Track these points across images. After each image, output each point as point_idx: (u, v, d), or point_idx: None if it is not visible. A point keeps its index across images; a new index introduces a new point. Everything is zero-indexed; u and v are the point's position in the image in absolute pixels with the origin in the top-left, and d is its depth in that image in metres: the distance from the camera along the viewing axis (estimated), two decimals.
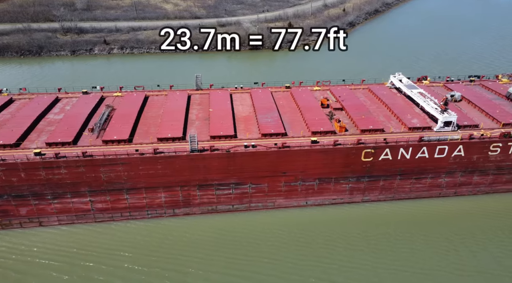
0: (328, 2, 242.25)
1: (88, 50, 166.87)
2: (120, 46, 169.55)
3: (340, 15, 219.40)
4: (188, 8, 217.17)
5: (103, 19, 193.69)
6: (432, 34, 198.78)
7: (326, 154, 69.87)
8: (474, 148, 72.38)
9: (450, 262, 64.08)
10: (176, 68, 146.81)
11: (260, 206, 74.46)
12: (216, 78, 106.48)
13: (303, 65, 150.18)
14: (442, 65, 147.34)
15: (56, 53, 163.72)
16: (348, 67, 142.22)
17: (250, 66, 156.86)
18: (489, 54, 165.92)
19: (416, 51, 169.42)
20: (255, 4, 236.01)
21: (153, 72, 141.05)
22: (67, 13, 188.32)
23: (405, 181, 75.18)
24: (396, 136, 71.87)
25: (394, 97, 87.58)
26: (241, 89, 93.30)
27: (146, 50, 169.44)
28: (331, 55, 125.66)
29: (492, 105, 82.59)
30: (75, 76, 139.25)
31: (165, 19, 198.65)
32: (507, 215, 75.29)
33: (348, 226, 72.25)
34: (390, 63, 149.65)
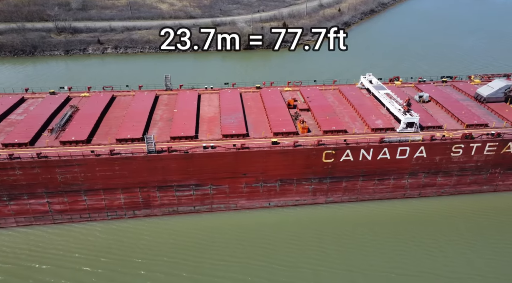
0: (324, 2, 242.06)
1: (82, 50, 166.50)
2: (114, 46, 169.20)
3: (335, 15, 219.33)
4: (184, 8, 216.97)
5: (98, 18, 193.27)
6: (426, 34, 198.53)
7: (286, 155, 69.47)
8: (436, 149, 72.15)
9: (416, 263, 64.00)
10: (167, 68, 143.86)
11: (222, 207, 74.01)
12: (205, 77, 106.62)
13: (297, 65, 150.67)
14: (432, 65, 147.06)
15: (50, 53, 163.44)
16: (340, 67, 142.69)
17: (245, 66, 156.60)
18: (484, 54, 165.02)
19: (408, 50, 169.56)
20: (251, 4, 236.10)
21: (143, 72, 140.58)
22: (62, 13, 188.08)
23: (368, 182, 74.88)
24: (358, 138, 71.59)
25: (362, 98, 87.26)
26: (211, 90, 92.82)
27: (140, 50, 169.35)
28: (327, 55, 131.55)
29: (459, 106, 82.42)
30: (58, 76, 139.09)
31: (160, 19, 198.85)
32: (472, 216, 75.08)
33: (311, 227, 71.90)
34: (382, 63, 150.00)
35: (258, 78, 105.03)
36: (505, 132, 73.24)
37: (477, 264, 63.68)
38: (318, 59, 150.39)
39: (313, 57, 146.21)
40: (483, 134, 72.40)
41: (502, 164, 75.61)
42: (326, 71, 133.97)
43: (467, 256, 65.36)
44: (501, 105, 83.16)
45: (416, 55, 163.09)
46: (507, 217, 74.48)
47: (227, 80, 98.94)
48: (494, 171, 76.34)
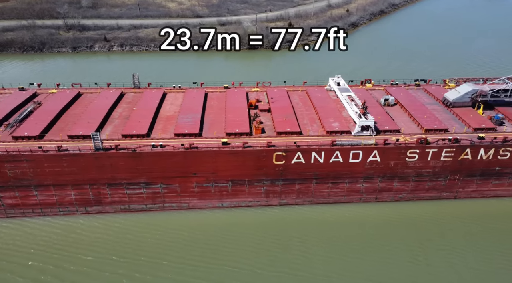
0: (332, 3, 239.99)
1: (89, 47, 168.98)
2: (120, 43, 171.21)
3: (343, 16, 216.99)
4: (191, 7, 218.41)
5: (107, 16, 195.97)
6: (434, 36, 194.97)
7: (236, 156, 69.11)
8: (390, 154, 70.84)
9: (367, 268, 63.27)
10: (167, 67, 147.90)
11: (174, 206, 74.03)
12: (202, 77, 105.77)
13: (293, 65, 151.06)
14: (436, 66, 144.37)
15: (58, 49, 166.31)
16: (337, 67, 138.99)
17: (245, 66, 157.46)
18: (491, 57, 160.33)
19: (413, 52, 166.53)
20: (259, 3, 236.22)
21: (143, 70, 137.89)
22: (72, 11, 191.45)
23: (321, 185, 73.95)
24: (311, 140, 70.83)
25: (327, 100, 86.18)
26: (179, 89, 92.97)
27: (145, 48, 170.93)
28: (327, 55, 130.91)
29: (423, 111, 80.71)
30: (58, 72, 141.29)
31: (167, 18, 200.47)
32: (430, 223, 73.54)
33: (262, 229, 71.48)
34: (383, 64, 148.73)
35: (249, 78, 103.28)
36: (463, 138, 71.51)
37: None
38: (318, 59, 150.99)
39: (313, 57, 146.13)
40: (439, 140, 70.86)
41: (461, 171, 73.81)
42: (322, 71, 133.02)
43: (420, 262, 64.56)
44: (467, 110, 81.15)
45: (421, 57, 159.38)
46: (465, 225, 72.82)
47: (224, 80, 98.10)
48: (453, 177, 74.57)
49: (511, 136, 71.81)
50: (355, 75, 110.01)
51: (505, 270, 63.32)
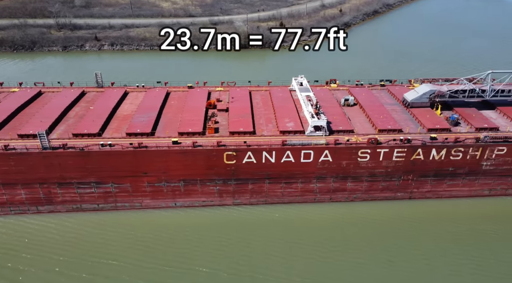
0: (326, 3, 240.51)
1: (79, 46, 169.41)
2: (111, 42, 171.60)
3: (336, 16, 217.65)
4: (185, 7, 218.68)
5: (100, 16, 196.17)
6: (426, 36, 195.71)
7: (186, 155, 68.93)
8: (341, 154, 70.77)
9: (320, 268, 63.21)
10: (154, 66, 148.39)
11: (127, 206, 73.79)
12: (193, 76, 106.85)
13: (281, 65, 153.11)
14: (423, 66, 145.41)
15: (48, 48, 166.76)
16: (327, 67, 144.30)
17: (240, 66, 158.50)
18: (482, 57, 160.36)
19: (402, 51, 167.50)
20: (252, 3, 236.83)
21: (127, 69, 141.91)
22: (65, 10, 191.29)
23: (275, 185, 73.82)
24: (263, 140, 70.73)
25: (287, 100, 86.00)
26: (142, 88, 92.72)
27: (136, 47, 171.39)
28: (321, 56, 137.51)
29: (380, 111, 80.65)
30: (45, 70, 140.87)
31: (159, 17, 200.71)
32: (385, 223, 73.52)
33: (215, 228, 71.26)
34: (369, 63, 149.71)
35: (237, 77, 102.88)
36: (415, 139, 71.51)
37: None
38: (311, 59, 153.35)
39: (308, 57, 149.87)
40: (390, 140, 70.84)
41: (414, 171, 73.75)
42: (311, 71, 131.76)
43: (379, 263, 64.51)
44: (425, 110, 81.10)
45: (412, 57, 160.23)
46: (420, 225, 72.78)
47: (209, 79, 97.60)
48: (406, 177, 74.50)
49: (462, 137, 71.87)
50: (338, 74, 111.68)
51: (460, 271, 63.20)
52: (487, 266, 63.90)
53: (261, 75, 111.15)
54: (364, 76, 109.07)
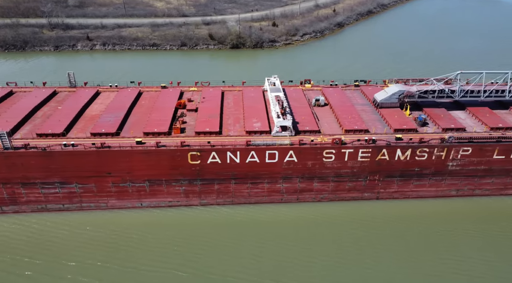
0: (320, 3, 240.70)
1: (71, 46, 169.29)
2: (102, 42, 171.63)
3: (329, 16, 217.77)
4: (179, 7, 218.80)
5: (93, 15, 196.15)
6: (418, 36, 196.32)
7: (150, 155, 68.74)
8: (306, 154, 70.70)
9: (290, 269, 63.24)
10: (145, 66, 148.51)
11: (93, 206, 73.59)
12: (180, 75, 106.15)
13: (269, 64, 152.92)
14: (411, 66, 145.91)
15: (40, 48, 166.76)
16: (314, 66, 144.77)
17: (229, 65, 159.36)
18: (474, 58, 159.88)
19: (392, 51, 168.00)
20: (247, 3, 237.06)
21: (119, 69, 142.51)
22: (58, 10, 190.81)
23: (241, 186, 73.75)
24: (228, 140, 70.61)
25: (258, 100, 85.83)
26: (115, 88, 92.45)
27: (128, 47, 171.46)
28: (305, 54, 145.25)
29: (350, 111, 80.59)
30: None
31: (152, 17, 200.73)
32: (353, 223, 73.47)
33: (180, 229, 71.18)
34: (359, 64, 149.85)
35: (224, 77, 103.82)
36: (381, 139, 71.55)
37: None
38: (301, 59, 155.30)
39: (298, 56, 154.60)
40: (354, 141, 70.84)
41: (380, 171, 73.75)
42: (300, 71, 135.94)
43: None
44: (394, 111, 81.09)
45: (399, 56, 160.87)
46: (386, 225, 72.79)
47: (192, 79, 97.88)
48: (372, 178, 74.52)
49: (427, 137, 71.93)
50: (323, 74, 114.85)
51: (429, 271, 63.33)
52: (456, 265, 64.14)
53: (252, 75, 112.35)
54: (349, 76, 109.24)
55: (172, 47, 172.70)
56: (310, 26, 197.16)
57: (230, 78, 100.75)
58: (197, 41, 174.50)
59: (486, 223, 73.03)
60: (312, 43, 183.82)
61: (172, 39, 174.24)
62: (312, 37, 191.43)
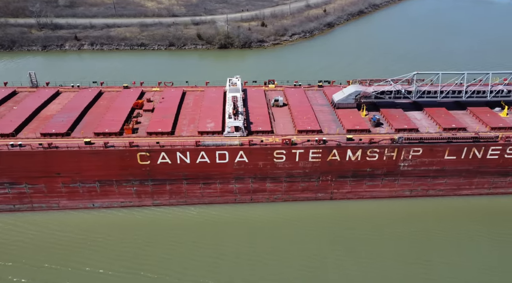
0: (311, 3, 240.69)
1: (59, 45, 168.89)
2: (91, 42, 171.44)
3: (320, 16, 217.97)
4: (169, 6, 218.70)
5: (83, 15, 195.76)
6: (406, 36, 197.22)
7: (99, 156, 68.53)
8: (257, 154, 70.67)
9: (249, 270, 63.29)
10: (130, 66, 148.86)
11: (44, 206, 73.27)
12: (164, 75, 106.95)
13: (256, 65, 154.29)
14: (393, 66, 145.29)
15: (28, 48, 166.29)
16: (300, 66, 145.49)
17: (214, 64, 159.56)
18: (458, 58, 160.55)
19: (378, 51, 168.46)
20: (238, 3, 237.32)
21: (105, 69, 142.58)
22: (48, 9, 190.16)
23: (193, 186, 73.65)
24: (178, 140, 70.47)
25: (217, 101, 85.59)
26: (77, 88, 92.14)
27: (116, 47, 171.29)
28: (291, 54, 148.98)
29: (307, 112, 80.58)
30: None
31: (142, 17, 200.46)
32: (307, 223, 73.51)
33: (134, 229, 70.97)
34: (342, 64, 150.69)
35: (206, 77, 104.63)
36: (332, 140, 71.66)
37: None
38: (283, 58, 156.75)
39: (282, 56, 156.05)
40: (304, 141, 70.91)
41: (332, 172, 73.85)
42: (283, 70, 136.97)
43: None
44: (350, 111, 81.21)
45: (384, 56, 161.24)
46: (337, 226, 72.95)
47: (175, 79, 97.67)
48: (325, 178, 74.59)
49: (378, 138, 72.11)
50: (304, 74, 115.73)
51: (381, 271, 63.66)
52: (409, 265, 64.51)
53: (233, 74, 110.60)
54: (328, 75, 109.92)
55: (160, 47, 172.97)
56: (299, 26, 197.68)
57: (213, 78, 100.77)
58: (185, 41, 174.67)
59: (441, 223, 73.31)
60: (300, 43, 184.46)
61: (160, 39, 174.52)
62: (301, 37, 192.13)
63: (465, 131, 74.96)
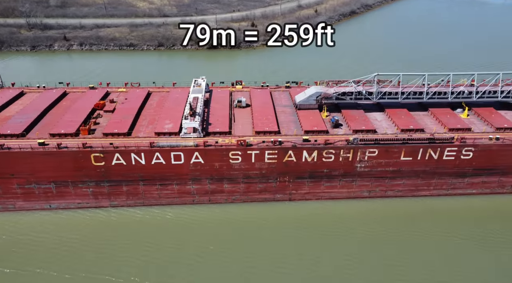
0: (303, 3, 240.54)
1: (48, 46, 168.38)
2: (79, 42, 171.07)
3: (311, 16, 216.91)
4: (161, 7, 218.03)
5: (73, 16, 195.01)
6: (396, 36, 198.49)
7: (53, 157, 68.33)
8: (212, 156, 70.67)
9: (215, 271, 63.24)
10: (112, 67, 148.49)
11: (0, 207, 73.08)
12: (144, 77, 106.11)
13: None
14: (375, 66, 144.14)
15: (16, 48, 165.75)
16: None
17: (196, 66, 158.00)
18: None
19: (364, 51, 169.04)
20: (230, 3, 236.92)
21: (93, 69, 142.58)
22: (39, 10, 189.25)
23: (150, 187, 73.59)
24: (133, 141, 70.34)
25: (181, 102, 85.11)
26: (42, 89, 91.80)
27: (105, 47, 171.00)
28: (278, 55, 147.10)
29: (267, 113, 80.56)
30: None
31: (133, 17, 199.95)
32: (265, 224, 73.70)
33: (90, 231, 70.84)
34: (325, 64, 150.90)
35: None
36: (289, 141, 71.76)
37: None
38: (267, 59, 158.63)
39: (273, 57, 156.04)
40: (259, 143, 70.97)
41: (289, 173, 73.91)
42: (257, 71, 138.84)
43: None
44: (311, 112, 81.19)
45: (367, 55, 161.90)
46: (296, 226, 73.09)
47: (160, 80, 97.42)
48: (282, 179, 74.66)
49: (335, 139, 72.27)
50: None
51: (341, 271, 63.98)
52: (367, 265, 64.81)
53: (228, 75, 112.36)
54: (306, 75, 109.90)
55: (149, 47, 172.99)
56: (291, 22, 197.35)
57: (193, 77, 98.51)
58: (175, 41, 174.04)
59: (399, 224, 73.62)
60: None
61: (150, 40, 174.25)
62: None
63: (423, 132, 75.28)
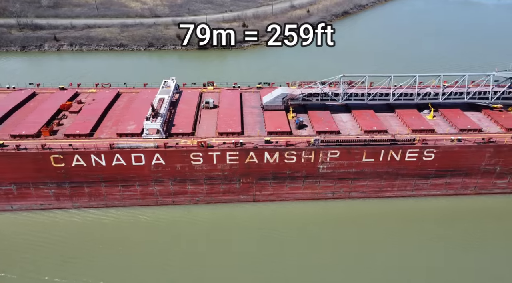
0: (296, 4, 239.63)
1: (38, 46, 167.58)
2: (70, 43, 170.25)
3: (303, 17, 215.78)
4: (153, 7, 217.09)
5: (65, 16, 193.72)
6: (387, 37, 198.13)
7: (11, 158, 68.08)
8: (173, 157, 70.59)
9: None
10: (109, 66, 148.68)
11: None
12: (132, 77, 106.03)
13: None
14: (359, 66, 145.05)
15: (6, 48, 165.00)
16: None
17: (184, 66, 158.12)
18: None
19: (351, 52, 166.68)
20: (223, 4, 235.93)
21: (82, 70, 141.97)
22: (30, 10, 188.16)
23: (112, 188, 73.45)
24: (95, 142, 70.19)
25: (148, 103, 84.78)
26: (12, 89, 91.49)
27: (95, 48, 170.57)
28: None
29: (233, 114, 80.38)
30: None
31: (124, 17, 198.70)
32: (229, 225, 74.00)
33: (52, 232, 70.62)
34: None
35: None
36: (251, 142, 71.78)
37: None
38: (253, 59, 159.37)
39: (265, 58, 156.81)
40: (220, 144, 70.99)
41: (252, 174, 73.94)
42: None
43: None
44: (277, 113, 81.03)
45: (356, 56, 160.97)
46: (259, 227, 73.25)
47: (148, 80, 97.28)
48: (245, 180, 74.70)
49: (296, 141, 72.31)
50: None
51: (305, 273, 64.04)
52: (335, 267, 65.01)
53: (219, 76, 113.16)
54: (290, 76, 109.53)
55: (140, 47, 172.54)
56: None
57: (185, 79, 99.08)
58: (165, 41, 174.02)
59: (364, 224, 73.99)
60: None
61: (140, 40, 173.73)
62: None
63: (386, 133, 75.48)
